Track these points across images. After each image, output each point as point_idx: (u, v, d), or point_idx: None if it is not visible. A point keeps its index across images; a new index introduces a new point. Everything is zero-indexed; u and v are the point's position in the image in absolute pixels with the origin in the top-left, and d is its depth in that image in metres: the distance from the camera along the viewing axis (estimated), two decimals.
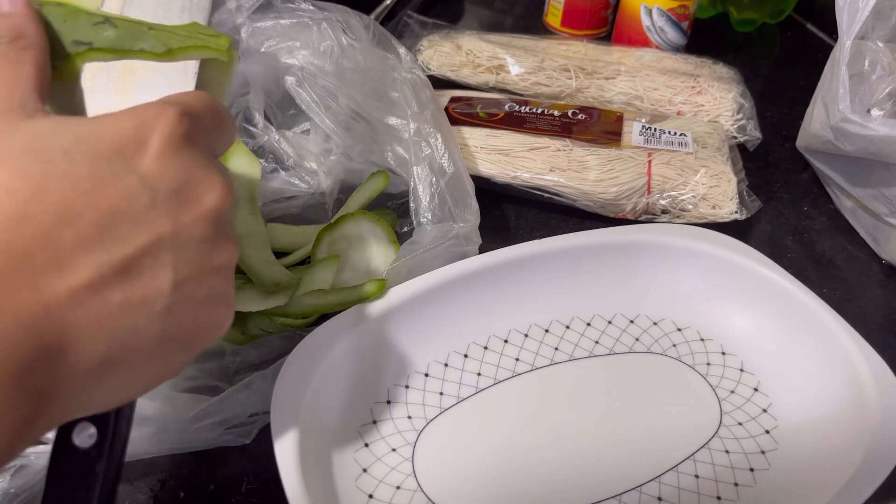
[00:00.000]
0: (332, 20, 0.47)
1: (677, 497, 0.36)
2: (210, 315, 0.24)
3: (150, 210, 0.22)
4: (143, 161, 0.22)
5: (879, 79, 0.47)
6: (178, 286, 0.22)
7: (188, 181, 0.23)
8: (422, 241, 0.41)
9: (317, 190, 0.51)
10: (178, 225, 0.22)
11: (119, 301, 0.20)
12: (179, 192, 0.23)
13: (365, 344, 0.38)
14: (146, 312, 0.21)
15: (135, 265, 0.21)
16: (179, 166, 0.23)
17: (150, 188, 0.22)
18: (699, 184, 0.50)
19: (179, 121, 0.23)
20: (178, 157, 0.23)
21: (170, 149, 0.23)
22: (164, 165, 0.22)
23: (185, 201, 0.23)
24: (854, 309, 0.47)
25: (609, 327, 0.44)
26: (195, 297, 0.23)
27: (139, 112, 0.23)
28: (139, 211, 0.21)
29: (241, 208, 0.44)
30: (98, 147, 0.21)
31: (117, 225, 0.21)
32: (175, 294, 0.22)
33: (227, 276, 0.25)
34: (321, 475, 0.34)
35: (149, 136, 0.22)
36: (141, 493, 0.36)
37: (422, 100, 0.45)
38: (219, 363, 0.39)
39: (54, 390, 0.19)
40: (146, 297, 0.21)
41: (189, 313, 0.23)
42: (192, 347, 0.24)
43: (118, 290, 0.20)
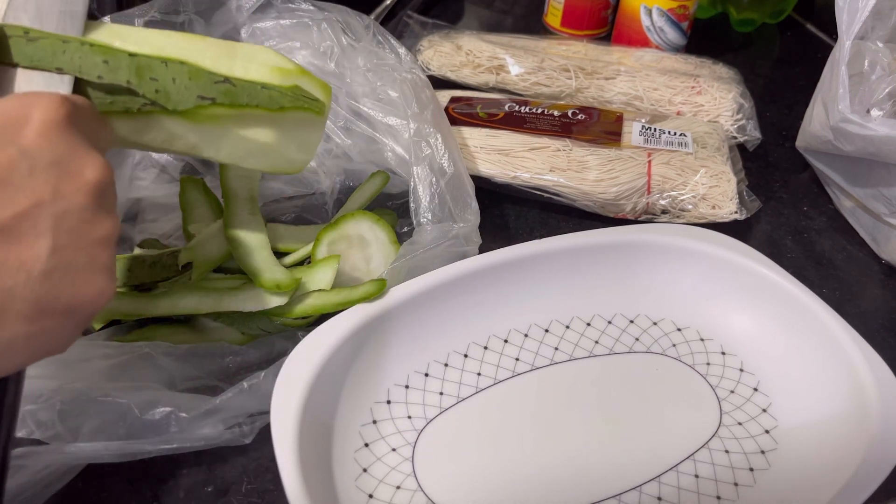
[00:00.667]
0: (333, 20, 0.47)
1: (677, 497, 0.36)
2: (89, 284, 0.25)
3: (29, 178, 0.23)
4: (25, 134, 0.24)
5: (879, 79, 0.47)
6: (56, 252, 0.23)
7: (69, 155, 0.24)
8: (422, 241, 0.41)
9: (317, 190, 0.51)
10: (57, 193, 0.24)
11: None
12: (60, 164, 0.24)
13: (365, 344, 0.39)
14: (24, 275, 0.22)
15: (13, 228, 0.22)
16: (61, 141, 0.24)
17: (30, 158, 0.23)
18: (699, 184, 0.50)
19: (62, 103, 0.25)
20: (59, 134, 0.24)
21: (51, 126, 0.24)
22: (44, 140, 0.24)
23: (66, 172, 0.24)
24: (854, 309, 0.47)
25: (609, 327, 0.44)
26: (74, 264, 0.24)
27: (24, 95, 0.25)
28: (17, 179, 0.23)
29: (242, 208, 0.44)
30: None
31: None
32: (53, 259, 0.23)
33: (108, 247, 0.26)
34: (321, 475, 0.34)
35: (31, 114, 0.24)
36: (141, 493, 0.36)
37: (422, 100, 0.45)
38: (219, 363, 0.39)
39: None
40: (23, 260, 0.22)
41: (67, 280, 0.24)
42: (72, 316, 0.25)
43: None
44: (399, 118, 0.46)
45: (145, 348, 0.38)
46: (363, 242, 0.45)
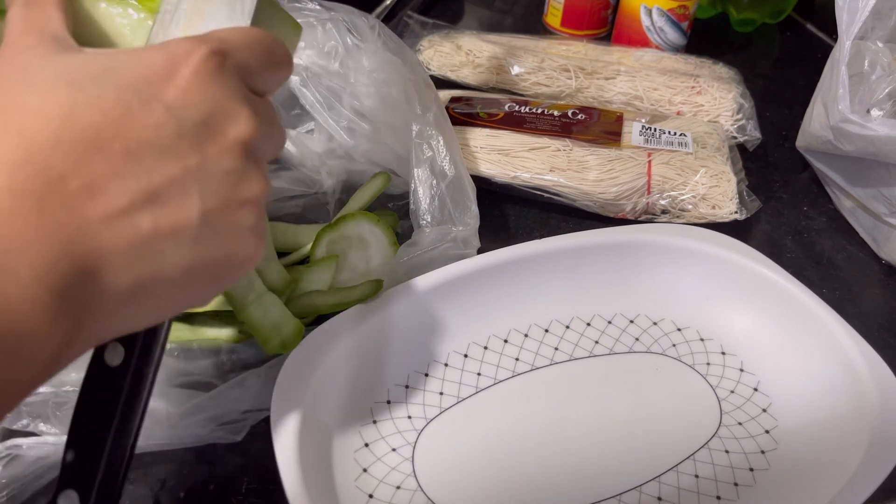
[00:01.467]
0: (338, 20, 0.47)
1: (677, 497, 0.36)
2: (238, 247, 0.24)
3: (177, 140, 0.22)
4: (170, 92, 0.22)
5: (879, 79, 0.47)
6: (206, 216, 0.23)
7: (214, 113, 0.23)
8: (420, 242, 0.41)
9: (319, 190, 0.51)
10: (203, 156, 0.23)
11: (148, 228, 0.21)
12: (205, 123, 0.23)
13: (365, 344, 0.39)
14: (175, 241, 0.22)
15: (163, 194, 0.21)
16: (206, 98, 0.23)
17: (177, 118, 0.22)
18: (699, 184, 0.50)
19: (210, 56, 0.23)
20: (205, 90, 0.23)
21: (198, 80, 0.23)
22: (190, 97, 0.23)
23: (211, 133, 0.23)
24: (854, 309, 0.47)
25: (609, 327, 0.44)
26: (223, 227, 0.23)
27: (170, 46, 0.23)
28: (166, 141, 0.22)
29: None
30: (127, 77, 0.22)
31: (145, 154, 0.21)
32: (203, 224, 0.22)
33: (256, 208, 0.25)
34: (321, 475, 0.34)
35: (177, 69, 0.23)
36: (141, 493, 0.36)
37: (425, 101, 0.45)
38: (214, 360, 0.39)
39: (90, 310, 0.20)
40: (175, 225, 0.22)
41: (216, 244, 0.23)
42: (220, 278, 0.24)
43: (148, 217, 0.21)
44: (402, 119, 0.46)
45: None
46: (363, 243, 0.45)
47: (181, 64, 0.23)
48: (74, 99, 0.21)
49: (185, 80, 0.23)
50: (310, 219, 0.50)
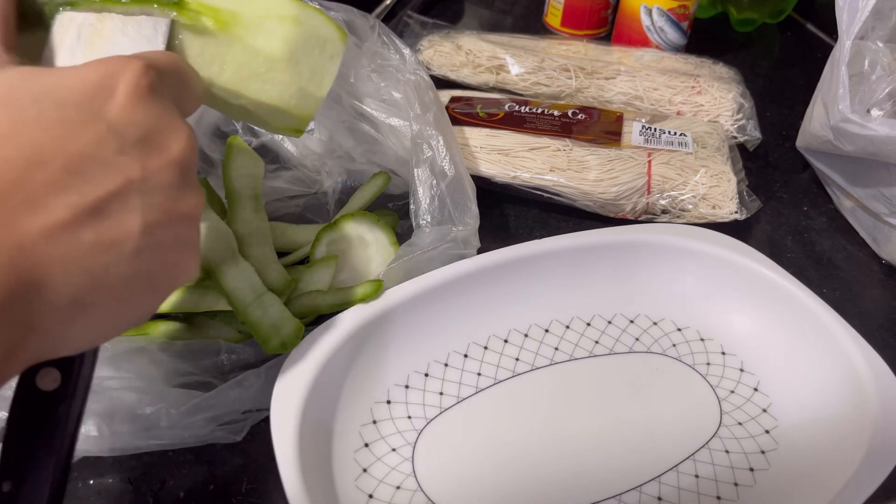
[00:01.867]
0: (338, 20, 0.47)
1: (677, 497, 0.36)
2: (177, 259, 0.25)
3: (119, 155, 0.23)
4: (111, 108, 0.23)
5: (879, 79, 0.47)
6: (147, 229, 0.23)
7: (155, 129, 0.24)
8: (420, 243, 0.41)
9: (319, 190, 0.51)
10: (146, 170, 0.23)
11: (90, 241, 0.21)
12: (147, 139, 0.24)
13: (365, 344, 0.39)
14: (116, 253, 0.22)
15: (105, 207, 0.22)
16: (146, 114, 0.24)
17: (118, 134, 0.23)
18: (699, 184, 0.50)
19: (145, 72, 0.24)
20: (144, 106, 0.24)
21: (137, 98, 0.24)
22: (131, 113, 0.23)
23: (153, 148, 0.24)
24: (854, 309, 0.47)
25: (609, 327, 0.44)
26: (163, 241, 0.24)
27: (106, 63, 0.24)
28: (108, 156, 0.22)
29: (245, 206, 0.44)
30: (67, 94, 0.22)
31: (87, 169, 0.22)
32: (144, 237, 0.23)
33: (193, 223, 0.26)
34: (321, 475, 0.34)
35: (116, 85, 0.23)
36: (141, 493, 0.36)
37: (425, 102, 0.45)
38: (213, 360, 0.39)
39: (31, 326, 0.20)
40: (116, 238, 0.22)
41: (157, 256, 0.24)
42: (159, 291, 0.25)
43: (89, 230, 0.21)
44: (402, 119, 0.46)
45: (141, 342, 0.38)
46: (363, 243, 0.45)
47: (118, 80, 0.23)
48: (14, 118, 0.21)
49: (125, 97, 0.23)
50: (310, 219, 0.50)
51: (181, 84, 0.27)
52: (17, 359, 0.20)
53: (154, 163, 0.24)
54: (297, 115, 0.34)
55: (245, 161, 0.45)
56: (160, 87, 0.25)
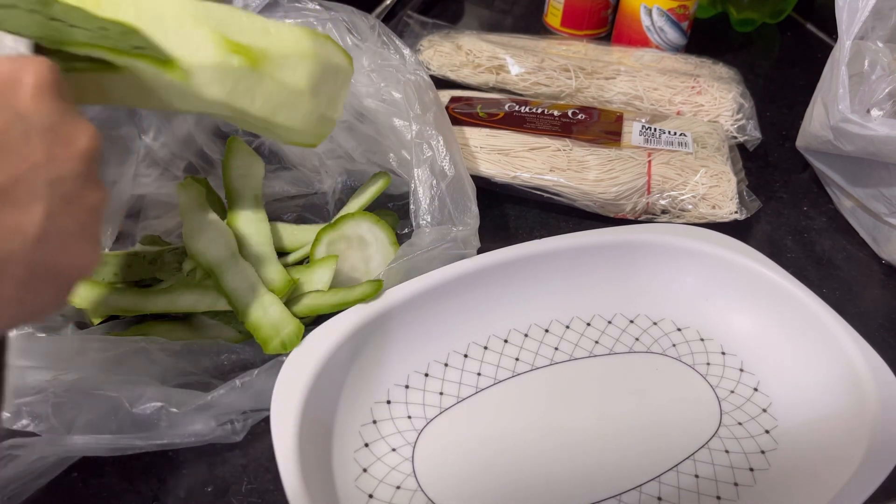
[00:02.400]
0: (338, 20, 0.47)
1: (677, 497, 0.36)
2: (79, 251, 0.25)
3: (25, 142, 0.23)
4: (19, 99, 0.23)
5: (879, 79, 0.47)
6: (51, 217, 0.23)
7: (62, 121, 0.24)
8: (420, 243, 0.41)
9: (318, 190, 0.51)
10: (52, 157, 0.24)
11: None
12: (54, 129, 0.24)
13: (365, 344, 0.39)
14: (20, 239, 0.22)
15: (9, 192, 0.22)
16: (54, 108, 0.24)
17: (25, 122, 0.23)
18: (699, 184, 0.50)
19: (51, 69, 0.25)
20: (50, 99, 0.24)
21: (44, 91, 0.24)
22: (38, 103, 0.24)
23: (60, 138, 0.24)
24: (854, 309, 0.47)
25: (609, 327, 0.44)
26: (67, 230, 0.24)
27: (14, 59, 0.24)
28: (14, 143, 0.22)
29: (245, 206, 0.44)
30: None
31: None
32: (47, 224, 0.23)
33: (97, 216, 0.26)
34: (321, 475, 0.34)
35: (23, 78, 0.24)
36: (141, 493, 0.36)
37: (425, 102, 0.45)
38: (214, 360, 0.39)
39: None
40: (20, 223, 0.22)
41: (60, 245, 0.24)
42: (62, 282, 0.25)
43: None
44: (402, 119, 0.46)
45: (141, 343, 0.38)
46: (363, 243, 0.45)
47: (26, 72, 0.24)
48: None
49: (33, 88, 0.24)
50: (310, 219, 0.50)
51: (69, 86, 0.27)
52: None
53: (61, 151, 0.24)
54: (317, 135, 0.38)
55: (245, 161, 0.45)
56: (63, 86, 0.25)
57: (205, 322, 0.42)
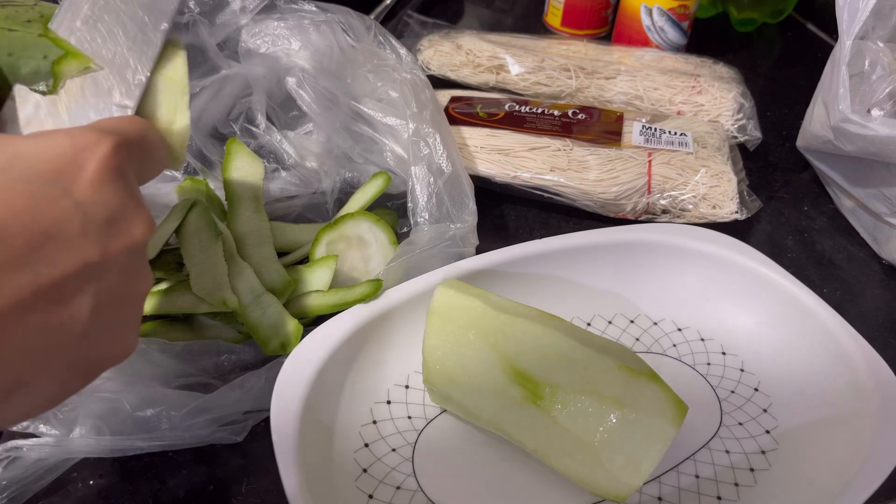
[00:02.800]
0: (334, 21, 0.47)
1: (677, 497, 0.36)
2: (120, 342, 0.24)
3: (82, 237, 0.22)
4: (79, 187, 0.22)
5: (879, 79, 0.47)
6: (97, 312, 0.22)
7: (119, 211, 0.23)
8: (418, 241, 0.41)
9: (317, 190, 0.51)
10: (106, 254, 0.23)
11: (38, 324, 0.20)
12: (111, 221, 0.23)
13: (365, 344, 0.39)
14: (63, 336, 0.21)
15: (59, 290, 0.21)
16: (113, 196, 0.23)
17: (84, 214, 0.22)
18: (699, 184, 0.50)
19: (116, 151, 0.23)
20: (112, 187, 0.23)
21: (105, 178, 0.23)
22: (98, 193, 0.23)
23: (116, 231, 0.23)
24: (854, 309, 0.47)
25: (609, 327, 0.44)
26: (110, 323, 0.23)
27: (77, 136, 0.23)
28: (71, 236, 0.21)
29: (245, 207, 0.44)
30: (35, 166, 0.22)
31: (48, 248, 0.21)
32: (93, 320, 0.22)
33: (141, 305, 0.25)
34: (321, 475, 0.34)
35: (85, 163, 0.23)
36: (141, 493, 0.36)
37: (421, 100, 0.45)
38: (214, 361, 0.39)
39: None
40: (65, 321, 0.21)
41: (101, 338, 0.23)
42: (96, 372, 0.24)
43: (39, 312, 0.20)
44: (398, 118, 0.46)
45: (141, 344, 0.38)
46: (362, 243, 0.45)
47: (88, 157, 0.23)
48: None
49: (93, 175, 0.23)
50: (309, 219, 0.50)
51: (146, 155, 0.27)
52: None
53: (114, 246, 0.23)
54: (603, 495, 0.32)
55: (245, 162, 0.45)
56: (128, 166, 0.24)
57: (205, 322, 0.42)
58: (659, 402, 0.32)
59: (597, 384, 0.32)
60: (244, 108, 0.51)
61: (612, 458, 0.31)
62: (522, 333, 0.34)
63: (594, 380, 0.32)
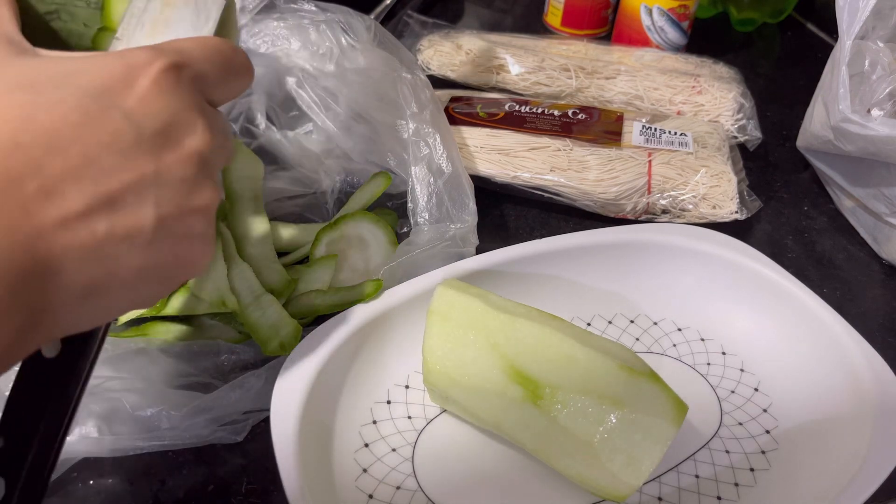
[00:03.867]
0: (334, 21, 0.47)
1: (677, 497, 0.36)
2: (189, 252, 0.25)
3: (135, 148, 0.23)
4: (129, 100, 0.23)
5: (879, 79, 0.47)
6: (160, 222, 0.23)
7: (172, 123, 0.24)
8: (418, 241, 0.41)
9: (318, 190, 0.51)
10: (160, 164, 0.23)
11: (104, 232, 0.21)
12: (163, 132, 0.24)
13: (365, 344, 0.39)
14: (129, 245, 0.22)
15: (119, 199, 0.22)
16: (164, 108, 0.24)
17: (136, 126, 0.23)
18: (699, 183, 0.50)
19: (168, 69, 0.24)
20: (162, 100, 0.24)
21: (156, 92, 0.24)
22: (148, 106, 0.23)
23: (168, 142, 0.24)
24: (854, 309, 0.47)
25: (609, 327, 0.44)
26: (175, 233, 0.24)
27: (130, 55, 0.24)
28: (124, 147, 0.22)
29: (245, 207, 0.44)
30: (86, 83, 0.22)
31: (103, 159, 0.22)
32: (156, 229, 0.23)
33: (207, 216, 0.26)
34: (321, 475, 0.34)
35: (136, 78, 0.23)
36: (141, 494, 0.36)
37: (421, 100, 0.45)
38: (214, 361, 0.39)
39: (44, 308, 0.20)
40: (130, 230, 0.22)
41: (169, 248, 0.24)
42: (171, 281, 0.25)
43: (104, 221, 0.21)
44: (398, 118, 0.46)
45: (141, 344, 0.38)
46: (362, 243, 0.45)
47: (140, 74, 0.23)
48: (34, 102, 0.21)
49: (144, 90, 0.23)
50: (309, 219, 0.50)
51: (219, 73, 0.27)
52: (31, 337, 0.20)
53: (169, 157, 0.24)
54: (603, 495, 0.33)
55: (245, 162, 0.45)
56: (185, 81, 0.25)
57: (205, 322, 0.42)
58: (659, 402, 0.32)
59: (597, 384, 0.32)
60: (244, 107, 0.51)
61: (612, 458, 0.31)
62: (522, 333, 0.34)
63: (594, 380, 0.32)
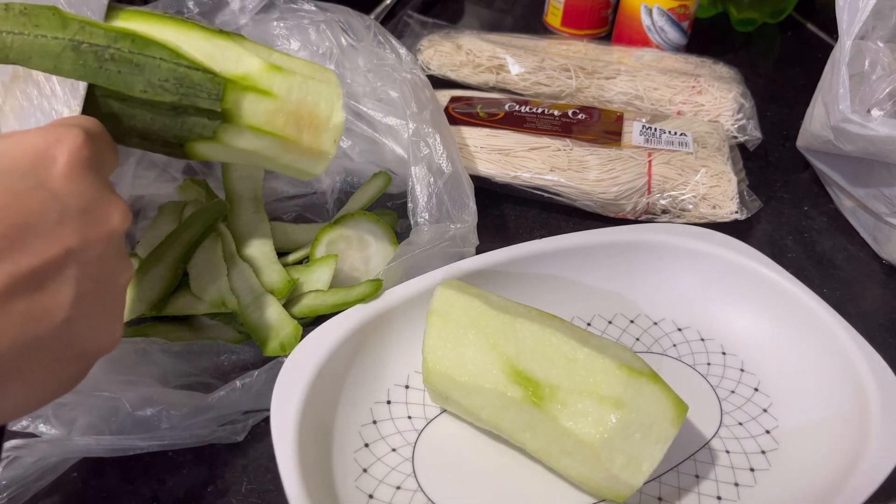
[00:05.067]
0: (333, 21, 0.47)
1: (677, 497, 0.36)
2: (105, 329, 0.25)
3: (59, 225, 0.22)
4: (54, 178, 0.23)
5: (879, 79, 0.47)
6: (79, 300, 0.23)
7: (97, 200, 0.24)
8: (418, 241, 0.41)
9: (318, 190, 0.51)
10: (85, 241, 0.23)
11: (22, 311, 0.21)
12: (88, 210, 0.24)
13: (365, 344, 0.39)
14: (47, 323, 0.22)
15: (40, 277, 0.22)
16: (87, 186, 0.24)
17: (60, 203, 0.23)
18: (699, 183, 0.50)
19: (84, 143, 0.24)
20: (85, 177, 0.24)
21: (78, 168, 0.24)
22: (73, 183, 0.23)
23: (94, 220, 0.24)
24: (854, 309, 0.47)
25: (609, 327, 0.44)
26: (93, 311, 0.24)
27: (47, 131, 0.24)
28: (49, 225, 0.22)
29: (245, 207, 0.44)
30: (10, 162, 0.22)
31: (27, 238, 0.21)
32: (75, 307, 0.23)
33: (122, 294, 0.26)
34: (321, 475, 0.34)
35: (58, 155, 0.23)
36: (141, 493, 0.36)
37: (421, 100, 0.45)
38: (214, 361, 0.39)
39: None
40: (48, 308, 0.22)
41: (86, 327, 0.24)
42: (86, 361, 0.25)
43: (23, 300, 0.21)
44: (398, 118, 0.46)
45: (141, 344, 0.38)
46: (362, 243, 0.45)
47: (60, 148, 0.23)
48: None
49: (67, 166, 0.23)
50: (309, 219, 0.50)
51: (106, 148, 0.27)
52: None
53: (93, 234, 0.24)
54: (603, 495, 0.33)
55: None
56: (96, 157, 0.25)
57: (205, 322, 0.42)
58: (659, 402, 0.32)
59: (597, 384, 0.32)
60: None
61: (612, 458, 0.31)
62: (522, 333, 0.34)
63: (594, 380, 0.32)
